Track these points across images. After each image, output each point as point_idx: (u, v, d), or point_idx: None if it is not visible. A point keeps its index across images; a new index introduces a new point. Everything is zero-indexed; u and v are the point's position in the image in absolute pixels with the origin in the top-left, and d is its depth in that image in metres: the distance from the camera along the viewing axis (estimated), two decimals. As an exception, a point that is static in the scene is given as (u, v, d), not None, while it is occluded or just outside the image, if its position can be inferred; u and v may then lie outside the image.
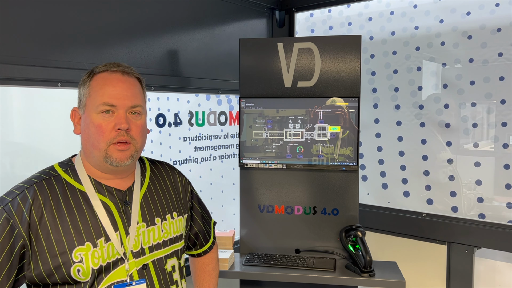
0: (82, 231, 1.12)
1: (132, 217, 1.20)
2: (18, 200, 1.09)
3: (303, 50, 2.06)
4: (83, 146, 1.19)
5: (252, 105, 2.06)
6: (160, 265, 1.25)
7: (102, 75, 1.18)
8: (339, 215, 2.06)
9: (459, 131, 2.28)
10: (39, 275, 1.09)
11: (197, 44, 2.26)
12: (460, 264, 2.23)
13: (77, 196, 1.15)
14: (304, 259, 1.96)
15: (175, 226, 1.32)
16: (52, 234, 1.09)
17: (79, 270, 1.10)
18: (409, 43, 2.43)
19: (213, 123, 2.52)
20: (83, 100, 1.17)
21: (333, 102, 1.99)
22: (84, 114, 1.17)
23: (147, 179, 1.30)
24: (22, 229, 1.07)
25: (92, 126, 1.14)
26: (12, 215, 1.07)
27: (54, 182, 1.14)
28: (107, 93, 1.15)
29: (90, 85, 1.17)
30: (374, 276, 1.82)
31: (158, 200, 1.29)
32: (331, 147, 2.01)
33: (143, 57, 2.01)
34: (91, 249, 1.12)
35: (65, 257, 1.09)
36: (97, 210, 1.15)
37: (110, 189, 1.20)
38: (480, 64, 2.21)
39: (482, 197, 2.22)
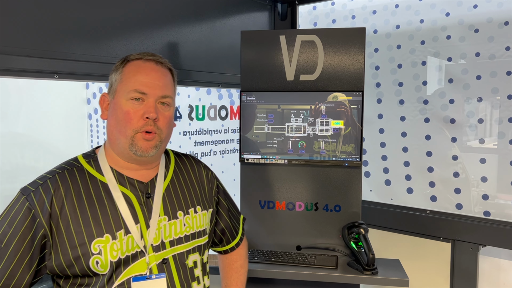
0: (102, 223, 1.11)
1: (153, 210, 1.18)
2: (40, 190, 1.09)
3: (306, 42, 2.01)
4: (109, 132, 1.18)
5: (254, 99, 2.01)
6: (181, 260, 1.21)
7: (135, 62, 1.18)
8: (341, 212, 2.02)
9: (465, 127, 2.24)
10: (59, 266, 1.09)
11: (198, 37, 2.21)
12: (465, 262, 2.19)
13: (98, 187, 1.14)
14: (305, 256, 1.93)
15: (198, 220, 1.28)
16: (72, 225, 1.08)
17: (98, 262, 1.09)
18: (414, 36, 2.39)
19: (214, 118, 2.48)
20: (114, 86, 1.17)
21: (335, 98, 1.95)
22: (114, 99, 1.16)
23: (171, 172, 1.28)
24: (43, 219, 1.07)
25: (121, 112, 1.13)
26: (34, 205, 1.07)
27: (76, 173, 1.14)
28: (139, 81, 1.14)
29: (122, 71, 1.17)
30: (377, 274, 1.79)
31: (181, 194, 1.27)
32: (333, 143, 1.96)
33: (142, 49, 1.96)
34: (110, 241, 1.10)
35: (84, 249, 1.08)
36: (118, 202, 1.14)
37: (132, 181, 1.18)
38: (487, 58, 2.16)
39: (487, 194, 2.18)
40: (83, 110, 4.42)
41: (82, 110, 4.42)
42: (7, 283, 1.05)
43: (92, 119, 4.39)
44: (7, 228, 1.06)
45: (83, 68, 1.74)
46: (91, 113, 4.39)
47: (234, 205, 1.50)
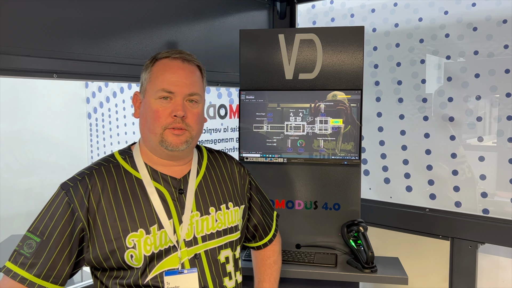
0: (136, 218, 1.14)
1: (186, 206, 1.20)
2: (78, 186, 1.13)
3: (305, 41, 2.01)
4: (141, 130, 1.22)
5: (253, 98, 2.02)
6: (213, 255, 1.23)
7: (163, 61, 1.19)
8: (340, 210, 2.03)
9: (463, 125, 2.24)
10: (96, 258, 1.13)
11: (197, 36, 2.22)
12: (463, 260, 2.20)
13: (133, 183, 1.17)
14: (305, 254, 1.93)
15: (230, 216, 1.29)
16: (108, 219, 1.12)
17: (132, 256, 1.12)
18: (413, 35, 2.39)
19: (213, 116, 2.49)
20: (144, 85, 1.20)
21: (334, 96, 1.95)
22: (144, 98, 1.19)
23: (203, 168, 1.30)
24: (81, 213, 1.11)
25: (150, 111, 1.16)
26: (73, 200, 1.12)
27: (112, 169, 1.18)
28: (166, 80, 1.16)
29: (151, 71, 1.19)
30: (376, 272, 1.79)
31: (213, 190, 1.28)
32: (333, 142, 1.97)
33: (141, 48, 1.97)
34: (144, 236, 1.13)
35: (119, 243, 1.11)
36: (152, 198, 1.16)
37: (165, 177, 1.20)
38: (485, 56, 2.16)
39: (486, 192, 2.19)
40: (83, 109, 4.42)
41: (82, 109, 4.42)
42: (49, 274, 1.10)
43: (92, 118, 4.38)
44: (48, 222, 1.11)
45: (82, 67, 1.74)
46: (91, 112, 4.39)
47: (267, 201, 1.52)
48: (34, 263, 1.09)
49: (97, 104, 4.30)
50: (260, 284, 1.49)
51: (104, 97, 4.24)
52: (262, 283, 1.48)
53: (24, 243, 1.11)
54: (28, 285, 1.08)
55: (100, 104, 4.27)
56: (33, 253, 1.09)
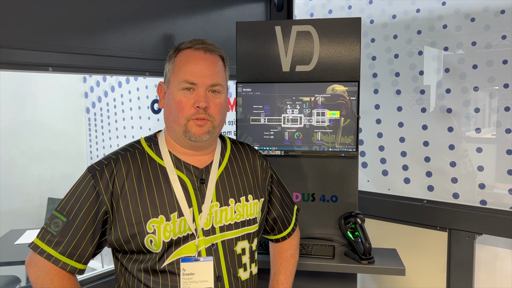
0: (158, 204, 1.16)
1: (206, 195, 1.22)
2: (104, 170, 1.16)
3: (302, 33, 2.01)
4: (166, 120, 1.23)
5: (250, 90, 2.01)
6: (230, 246, 1.24)
7: (186, 51, 1.20)
8: (338, 202, 2.03)
9: (461, 116, 2.24)
10: (117, 241, 1.16)
11: (193, 29, 2.21)
12: (461, 251, 2.20)
13: (157, 170, 1.20)
14: (302, 246, 1.93)
15: (249, 209, 1.30)
16: (131, 204, 1.15)
17: (152, 241, 1.15)
18: (410, 26, 2.38)
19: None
20: (168, 76, 1.22)
21: (334, 90, 1.94)
22: (168, 89, 1.21)
23: (226, 159, 1.31)
24: (105, 197, 1.14)
25: (174, 101, 1.18)
26: (98, 184, 1.15)
27: (137, 155, 1.20)
28: (189, 71, 1.17)
29: (174, 61, 1.20)
30: (373, 263, 1.80)
31: (234, 181, 1.29)
32: (333, 135, 1.96)
33: (137, 41, 1.96)
34: (164, 222, 1.15)
35: (140, 227, 1.14)
36: (174, 185, 1.19)
37: (188, 166, 1.23)
38: (483, 47, 2.16)
39: (483, 183, 2.19)
40: (81, 103, 4.42)
41: (80, 103, 4.41)
42: (73, 252, 1.14)
43: (90, 112, 4.38)
44: (74, 203, 1.15)
45: (78, 60, 1.73)
46: (89, 106, 4.38)
47: (288, 195, 1.52)
48: (60, 241, 1.13)
49: (95, 98, 4.29)
50: (276, 276, 1.49)
51: (102, 92, 4.23)
52: (278, 275, 1.49)
53: (52, 221, 1.15)
54: (53, 262, 1.13)
55: (99, 99, 4.26)
56: (59, 231, 1.14)
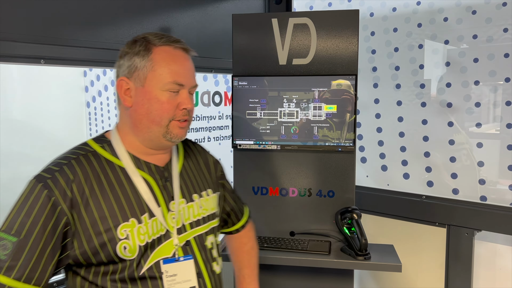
0: (126, 207, 1.09)
1: (173, 193, 1.19)
2: (58, 177, 1.05)
3: (299, 26, 1.97)
4: (137, 119, 1.13)
5: (246, 84, 1.99)
6: (201, 241, 1.23)
7: (165, 49, 1.13)
8: (335, 197, 2.01)
9: (462, 111, 2.21)
10: (84, 254, 1.06)
11: (189, 21, 2.18)
12: (460, 247, 2.17)
13: (117, 171, 1.12)
14: (298, 242, 1.91)
15: (210, 203, 1.30)
16: (96, 211, 1.06)
17: (126, 247, 1.07)
18: (411, 19, 2.34)
19: (207, 104, 2.46)
20: (143, 72, 1.11)
21: (339, 85, 1.91)
22: (144, 88, 1.11)
23: (182, 156, 1.29)
24: (65, 207, 1.03)
25: (156, 102, 1.11)
26: (53, 193, 1.03)
27: (92, 157, 1.11)
28: (176, 71, 1.12)
29: (153, 58, 1.11)
30: (369, 259, 1.77)
31: (194, 177, 1.28)
32: (338, 131, 1.93)
33: (131, 34, 1.93)
34: (136, 226, 1.09)
35: (110, 234, 1.06)
36: (139, 186, 1.13)
37: (149, 165, 1.17)
38: (484, 40, 2.12)
39: (484, 179, 2.16)
40: (81, 98, 4.40)
41: (80, 98, 4.40)
42: (31, 276, 1.01)
43: (90, 107, 4.37)
44: (25, 219, 1.01)
45: (71, 53, 1.71)
46: (89, 101, 4.37)
47: (235, 189, 1.54)
48: (13, 266, 0.99)
49: (95, 93, 4.28)
50: (241, 271, 1.49)
51: (103, 86, 4.22)
52: (243, 270, 1.49)
53: None
54: None
55: (99, 93, 4.25)
56: (9, 254, 0.99)
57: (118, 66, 1.15)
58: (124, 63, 1.13)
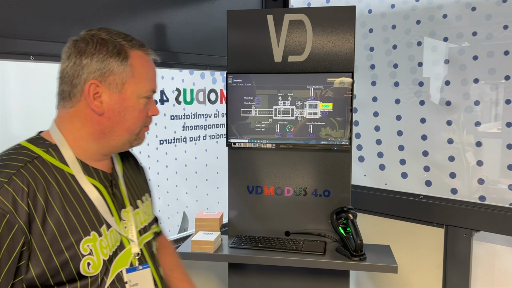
0: (85, 220, 0.99)
1: (122, 201, 1.12)
2: (8, 190, 0.90)
3: (294, 22, 1.94)
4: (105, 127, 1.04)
5: (240, 81, 1.96)
6: (150, 248, 1.18)
7: (139, 54, 1.06)
8: (330, 197, 1.98)
9: (461, 109, 2.17)
10: (42, 276, 0.93)
11: (184, 17, 2.15)
12: (458, 248, 2.14)
13: (69, 180, 1.00)
14: (293, 242, 1.89)
15: (150, 207, 1.25)
16: (55, 226, 0.94)
17: (90, 263, 0.98)
18: (410, 16, 2.30)
19: (202, 102, 2.43)
20: (121, 78, 1.02)
21: (341, 83, 1.87)
22: (121, 94, 1.03)
23: (119, 160, 1.20)
24: (22, 223, 0.89)
25: (133, 110, 1.04)
26: (7, 208, 0.88)
27: (39, 165, 0.96)
28: (152, 78, 1.08)
29: (131, 64, 1.03)
30: (365, 260, 1.75)
31: (133, 182, 1.21)
32: (341, 130, 1.90)
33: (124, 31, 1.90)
34: (98, 239, 1.00)
35: (72, 251, 0.95)
36: (92, 196, 1.03)
37: (98, 171, 1.07)
38: (484, 38, 2.08)
39: (483, 179, 2.12)
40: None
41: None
42: None
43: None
44: None
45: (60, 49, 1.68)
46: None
47: None
48: None
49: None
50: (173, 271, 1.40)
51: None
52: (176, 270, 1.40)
53: None
54: None
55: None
56: None
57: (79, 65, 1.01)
58: (93, 64, 1.00)
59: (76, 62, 1.01)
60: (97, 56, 1.00)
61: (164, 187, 3.44)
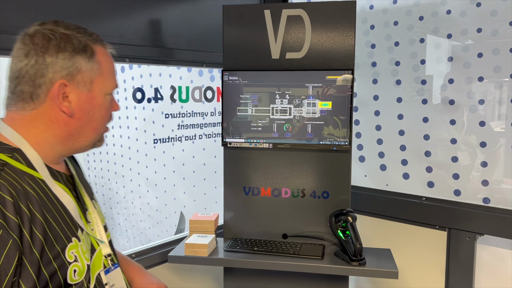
0: (64, 227, 0.95)
1: (85, 202, 1.09)
2: None
3: (292, 17, 1.88)
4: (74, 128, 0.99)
5: (236, 79, 1.89)
6: (112, 248, 1.16)
7: (103, 51, 1.02)
8: (329, 199, 1.91)
9: (465, 108, 2.10)
10: None
11: (179, 12, 2.08)
12: (461, 251, 2.08)
13: (41, 186, 0.94)
14: (290, 245, 1.83)
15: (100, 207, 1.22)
16: (41, 236, 0.88)
17: (76, 270, 0.95)
18: (412, 12, 2.23)
19: (199, 99, 2.36)
20: (89, 76, 0.97)
21: (342, 81, 1.81)
22: (90, 93, 0.98)
23: (69, 161, 1.14)
24: (15, 236, 0.83)
25: (100, 109, 1.01)
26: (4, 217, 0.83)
27: (11, 172, 0.89)
28: (114, 74, 1.05)
29: (98, 61, 0.99)
30: (364, 265, 1.68)
31: (85, 184, 1.15)
32: (344, 129, 1.83)
33: (117, 27, 1.84)
34: (79, 245, 0.97)
35: (59, 261, 0.91)
36: (64, 200, 0.98)
37: (61, 174, 1.02)
38: (489, 34, 2.01)
39: (487, 180, 2.05)
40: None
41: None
42: None
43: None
44: None
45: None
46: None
47: None
48: None
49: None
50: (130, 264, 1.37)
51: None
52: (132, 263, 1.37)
53: None
54: None
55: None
56: None
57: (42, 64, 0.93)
58: (58, 62, 0.93)
59: (39, 61, 0.93)
60: (63, 54, 0.94)
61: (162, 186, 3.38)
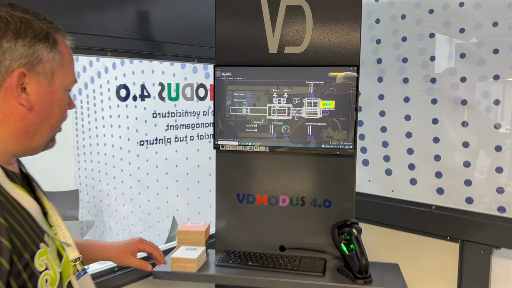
0: (30, 231, 0.87)
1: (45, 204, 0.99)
2: None
3: (292, 8, 1.71)
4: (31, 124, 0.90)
5: (230, 75, 1.73)
6: None
7: (64, 41, 0.95)
8: (331, 208, 1.75)
9: (478, 109, 1.96)
10: None
11: (168, 3, 1.91)
12: (475, 265, 1.93)
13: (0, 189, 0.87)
14: (288, 259, 1.66)
15: None
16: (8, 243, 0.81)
17: (47, 279, 0.88)
18: (421, 4, 2.09)
19: (190, 98, 2.20)
20: (50, 67, 0.90)
21: (337, 78, 1.65)
22: (50, 86, 0.91)
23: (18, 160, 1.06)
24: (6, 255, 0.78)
25: (60, 104, 0.94)
26: None
27: None
28: (74, 68, 0.98)
29: (61, 52, 0.91)
30: (370, 283, 1.52)
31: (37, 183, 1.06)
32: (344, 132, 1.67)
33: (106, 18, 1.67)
34: (47, 250, 0.89)
35: (29, 270, 0.83)
36: (26, 204, 0.89)
37: (16, 175, 0.92)
38: (506, 28, 1.87)
39: (502, 187, 1.90)
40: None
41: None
42: None
43: (76, 100, 4.16)
44: None
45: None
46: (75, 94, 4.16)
47: None
48: None
49: (81, 85, 4.08)
50: None
51: (89, 78, 4.01)
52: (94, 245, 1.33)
53: None
54: None
55: (85, 85, 4.04)
56: None
57: None
58: (17, 49, 0.84)
59: None
60: (23, 40, 0.85)
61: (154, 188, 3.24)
